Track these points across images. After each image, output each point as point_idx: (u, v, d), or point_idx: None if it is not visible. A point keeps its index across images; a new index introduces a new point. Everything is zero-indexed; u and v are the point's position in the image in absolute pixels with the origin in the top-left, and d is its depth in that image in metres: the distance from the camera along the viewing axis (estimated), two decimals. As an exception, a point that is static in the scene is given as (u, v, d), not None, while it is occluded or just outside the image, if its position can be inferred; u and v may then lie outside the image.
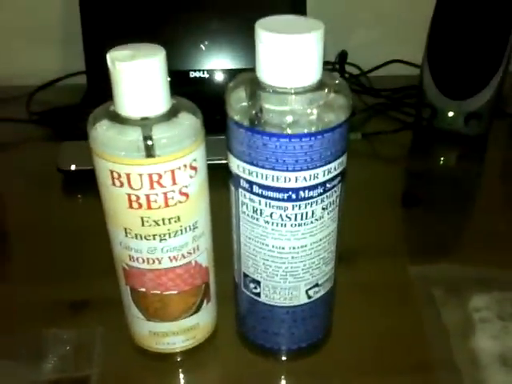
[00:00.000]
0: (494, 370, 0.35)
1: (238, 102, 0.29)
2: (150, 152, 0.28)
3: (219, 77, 0.68)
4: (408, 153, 0.63)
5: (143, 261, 0.31)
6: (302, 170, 0.28)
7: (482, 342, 0.36)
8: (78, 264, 0.44)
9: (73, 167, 0.53)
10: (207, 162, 0.32)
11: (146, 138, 0.28)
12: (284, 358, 0.36)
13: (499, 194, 0.55)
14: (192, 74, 0.68)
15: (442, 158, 0.61)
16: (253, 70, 0.29)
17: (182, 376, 0.36)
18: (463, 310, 0.39)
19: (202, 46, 0.68)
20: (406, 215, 0.52)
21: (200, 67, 0.68)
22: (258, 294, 0.33)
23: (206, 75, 0.68)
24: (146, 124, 0.29)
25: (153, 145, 0.28)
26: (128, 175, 0.28)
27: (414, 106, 0.64)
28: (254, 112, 0.28)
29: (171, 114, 0.30)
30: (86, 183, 0.31)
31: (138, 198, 0.29)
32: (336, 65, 0.72)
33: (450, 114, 0.60)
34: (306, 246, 0.31)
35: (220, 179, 0.32)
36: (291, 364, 0.36)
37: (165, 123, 0.29)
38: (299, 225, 0.30)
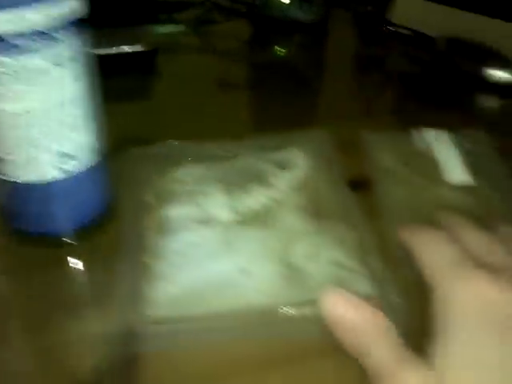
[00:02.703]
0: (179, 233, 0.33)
1: None
2: None
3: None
4: (246, 44, 0.60)
5: None
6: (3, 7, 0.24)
7: (174, 211, 0.34)
8: None
9: None
10: None
11: None
12: (64, 241, 0.33)
13: (338, 80, 0.54)
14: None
15: (280, 48, 0.59)
16: None
17: None
18: (164, 182, 0.37)
19: None
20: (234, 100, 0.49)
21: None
22: (4, 174, 0.30)
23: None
24: None
25: None
26: None
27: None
28: None
29: None
30: None
31: None
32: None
33: (284, -1, 0.57)
34: (37, 109, 0.27)
35: None
36: (72, 247, 0.33)
37: None
38: (23, 83, 0.26)
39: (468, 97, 0.49)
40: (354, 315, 0.25)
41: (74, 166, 0.30)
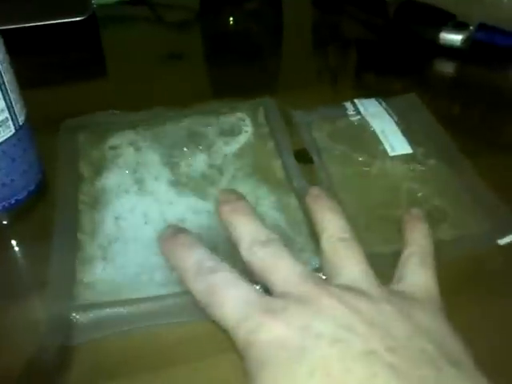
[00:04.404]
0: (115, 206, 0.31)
1: None
2: None
3: None
4: (197, 15, 0.57)
5: None
6: None
7: (110, 182, 0.33)
8: None
9: None
10: None
11: None
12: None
13: (294, 48, 0.52)
14: None
15: (231, 18, 0.56)
16: None
17: None
18: (100, 150, 0.35)
19: None
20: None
21: None
22: None
23: None
24: None
25: None
26: None
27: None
28: None
29: None
30: None
31: None
32: None
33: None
34: None
35: None
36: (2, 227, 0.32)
37: None
38: None
39: (424, 63, 0.47)
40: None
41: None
